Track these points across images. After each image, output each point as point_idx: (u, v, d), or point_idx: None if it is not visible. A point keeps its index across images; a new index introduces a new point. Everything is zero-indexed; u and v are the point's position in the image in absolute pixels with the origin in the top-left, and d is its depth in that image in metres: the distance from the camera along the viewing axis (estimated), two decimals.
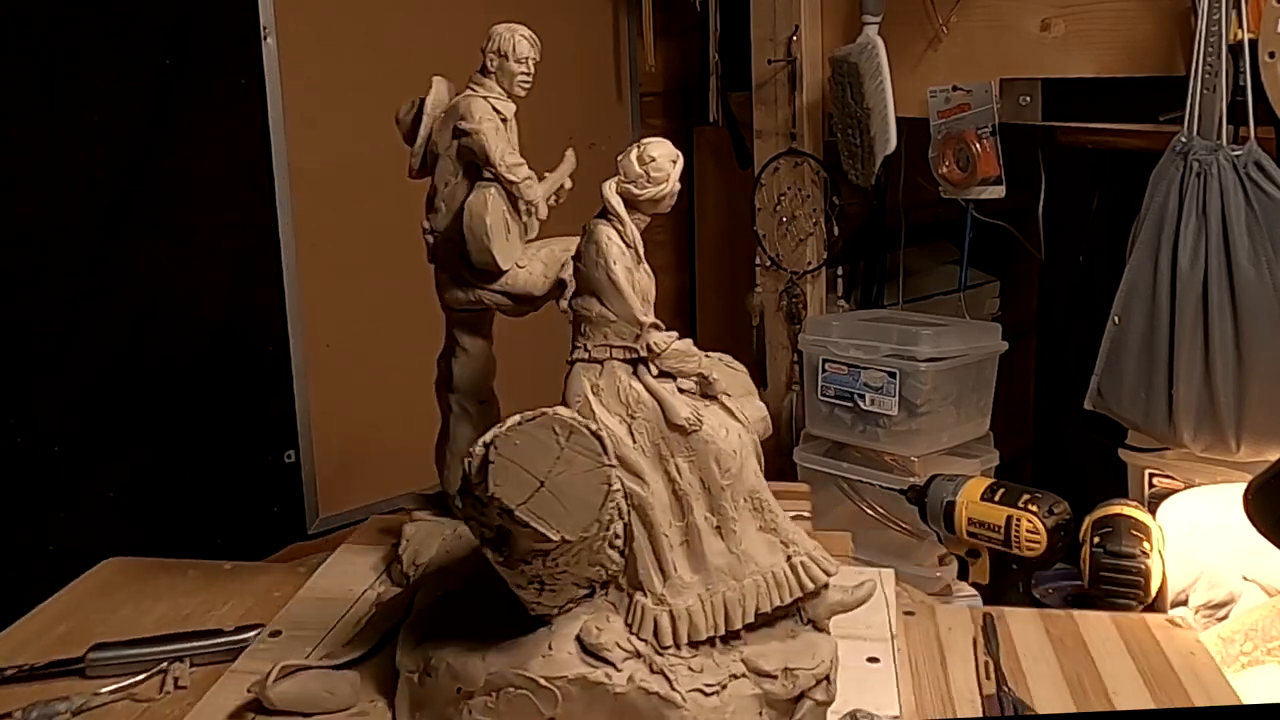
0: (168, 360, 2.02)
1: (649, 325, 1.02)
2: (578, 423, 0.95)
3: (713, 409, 1.05)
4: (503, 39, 1.28)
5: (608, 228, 1.03)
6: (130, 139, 1.94)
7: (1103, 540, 1.48)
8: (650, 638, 1.01)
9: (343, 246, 2.24)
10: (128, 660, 1.22)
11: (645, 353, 1.03)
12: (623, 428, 1.03)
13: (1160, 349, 1.62)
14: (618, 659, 1.01)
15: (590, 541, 0.97)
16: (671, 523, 1.03)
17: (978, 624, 1.31)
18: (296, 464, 2.21)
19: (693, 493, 1.03)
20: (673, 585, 1.02)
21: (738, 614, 1.02)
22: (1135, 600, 1.46)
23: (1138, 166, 1.72)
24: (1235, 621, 1.41)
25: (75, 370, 1.92)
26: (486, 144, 1.22)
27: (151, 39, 1.95)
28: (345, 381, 2.27)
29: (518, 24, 1.27)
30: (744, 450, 1.04)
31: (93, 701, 1.17)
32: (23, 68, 1.82)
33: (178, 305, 2.02)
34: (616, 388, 1.03)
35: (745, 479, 1.04)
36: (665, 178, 1.02)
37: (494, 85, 1.27)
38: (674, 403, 1.03)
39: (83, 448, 1.93)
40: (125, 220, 1.95)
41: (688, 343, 1.05)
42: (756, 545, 1.04)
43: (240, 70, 2.07)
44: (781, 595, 1.03)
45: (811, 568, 1.04)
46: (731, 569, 1.03)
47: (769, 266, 2.36)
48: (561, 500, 0.94)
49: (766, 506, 1.04)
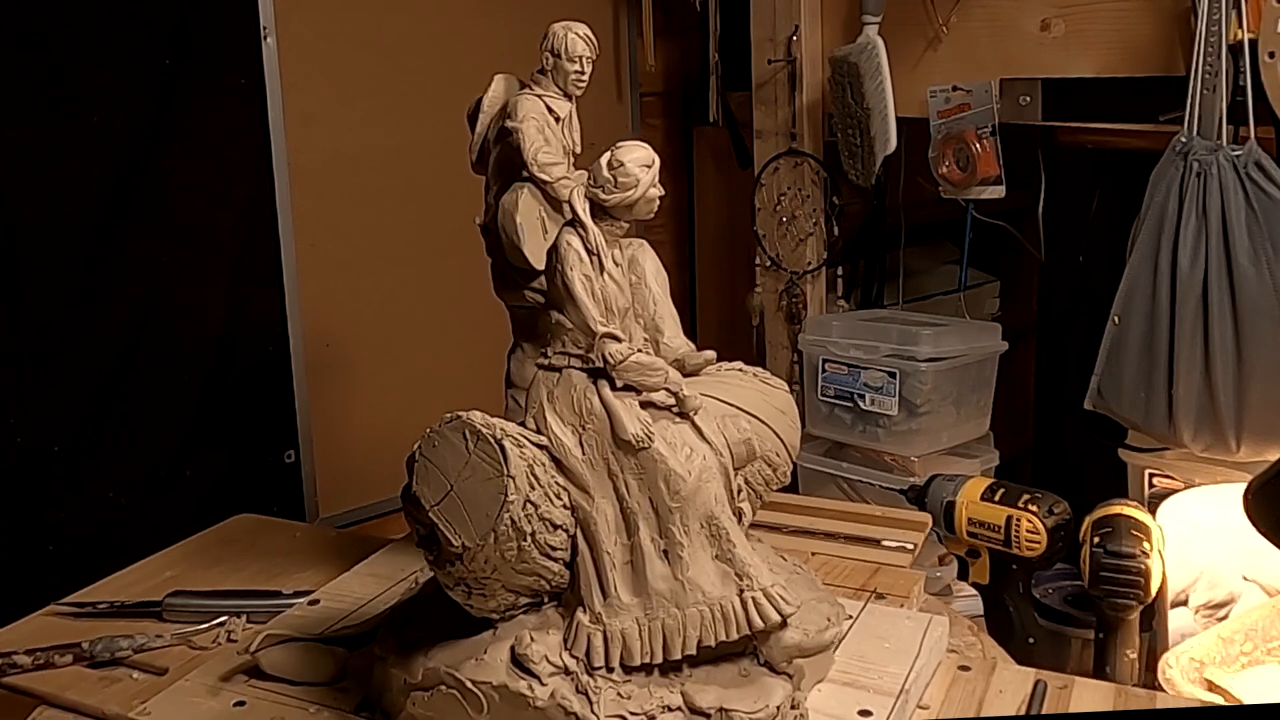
0: (168, 360, 2.02)
1: (603, 335, 0.99)
2: (485, 430, 0.94)
3: (680, 427, 1.01)
4: (556, 37, 1.25)
5: (571, 234, 1.01)
6: (130, 139, 1.94)
7: (1103, 540, 1.48)
8: (583, 656, 0.98)
9: (343, 246, 2.24)
10: (196, 609, 1.31)
11: (601, 363, 1.00)
12: (574, 438, 1.00)
13: (1160, 349, 1.62)
14: (544, 673, 0.98)
15: (499, 550, 0.94)
16: (617, 541, 0.99)
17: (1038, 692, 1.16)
18: (296, 464, 2.21)
19: (640, 512, 0.99)
20: (611, 605, 0.99)
21: (677, 643, 0.98)
22: (1135, 600, 1.46)
23: (1138, 166, 1.72)
24: (1235, 621, 1.41)
25: (75, 370, 1.92)
26: (523, 141, 1.20)
27: (151, 39, 1.95)
28: (345, 381, 2.27)
29: (574, 21, 1.24)
30: (702, 474, 0.99)
31: (154, 643, 1.26)
32: (23, 68, 1.82)
33: (178, 305, 2.02)
34: (571, 397, 1.01)
35: (700, 503, 0.99)
36: (633, 183, 0.99)
37: (549, 84, 1.25)
38: (623, 417, 0.99)
39: (83, 448, 1.93)
40: (125, 220, 1.95)
41: (652, 357, 1.01)
42: (706, 574, 0.99)
43: (240, 70, 2.07)
44: (728, 630, 0.98)
45: (764, 605, 0.98)
46: (675, 595, 0.98)
47: (769, 266, 2.36)
48: (465, 506, 0.94)
49: (725, 535, 0.99)
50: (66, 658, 1.24)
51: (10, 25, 1.80)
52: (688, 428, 1.02)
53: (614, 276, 1.03)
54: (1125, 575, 1.46)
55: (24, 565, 1.86)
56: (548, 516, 0.98)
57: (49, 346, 1.88)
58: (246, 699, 1.11)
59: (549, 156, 1.21)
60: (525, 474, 0.96)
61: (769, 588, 0.99)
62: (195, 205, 2.03)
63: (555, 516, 0.99)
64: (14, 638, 1.30)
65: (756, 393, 1.14)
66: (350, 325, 2.27)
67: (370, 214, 2.27)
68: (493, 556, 0.95)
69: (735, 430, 1.05)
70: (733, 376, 1.16)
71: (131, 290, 1.96)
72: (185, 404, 2.05)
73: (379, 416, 2.27)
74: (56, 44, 1.84)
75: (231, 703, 1.11)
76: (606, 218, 1.02)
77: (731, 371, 1.17)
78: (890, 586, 1.33)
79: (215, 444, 2.09)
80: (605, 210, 1.01)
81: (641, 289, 1.19)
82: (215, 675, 1.16)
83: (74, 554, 1.90)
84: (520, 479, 0.95)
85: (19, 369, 1.86)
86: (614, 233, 1.03)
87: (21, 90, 1.82)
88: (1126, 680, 1.41)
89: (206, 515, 2.08)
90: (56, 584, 1.44)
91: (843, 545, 1.46)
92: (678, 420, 1.02)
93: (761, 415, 1.13)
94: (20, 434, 1.86)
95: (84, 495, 1.94)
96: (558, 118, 1.23)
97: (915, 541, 1.48)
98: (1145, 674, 1.43)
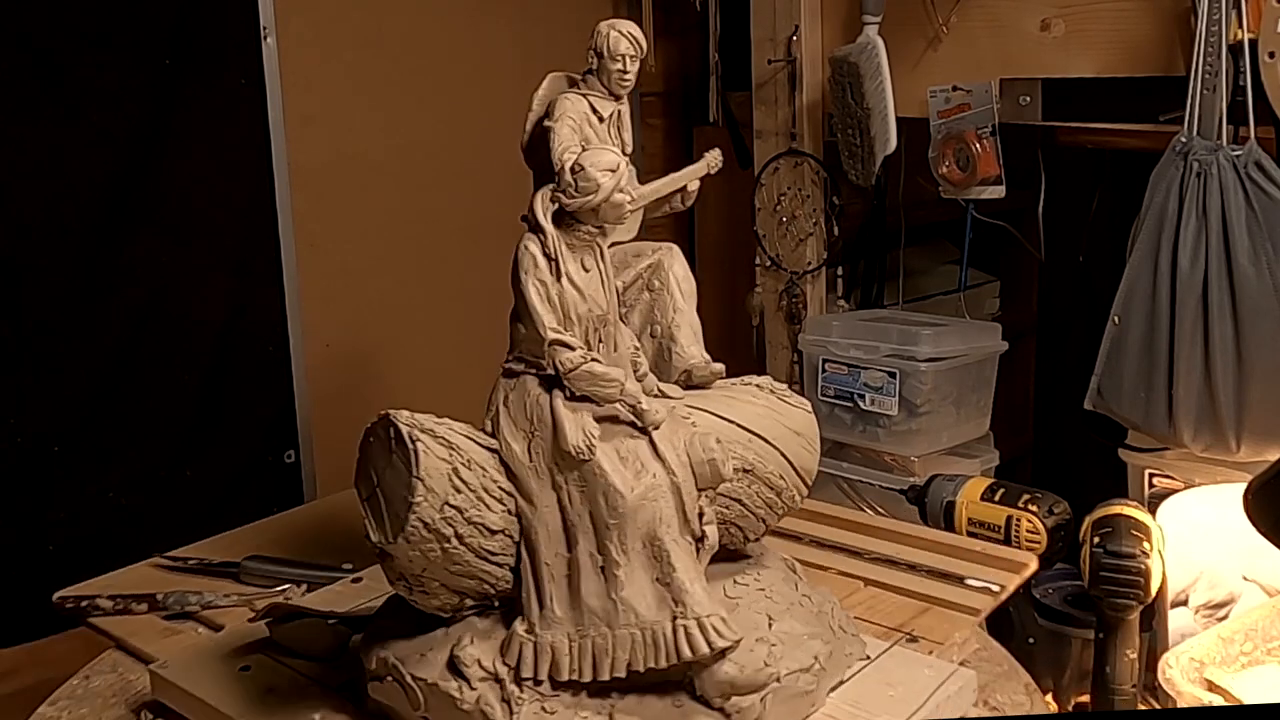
0: (168, 360, 2.02)
1: (552, 342, 0.97)
2: (404, 430, 0.93)
3: (638, 443, 0.98)
4: (600, 35, 1.21)
5: (530, 238, 0.99)
6: (130, 139, 1.94)
7: (1103, 540, 1.48)
8: (514, 665, 0.97)
9: (343, 246, 2.24)
10: (267, 574, 1.41)
11: (553, 370, 0.98)
12: (523, 445, 0.99)
13: (1160, 349, 1.62)
14: (474, 676, 0.97)
15: (419, 550, 0.94)
16: (557, 552, 0.97)
17: None
18: (296, 464, 2.21)
19: (581, 525, 0.97)
20: (545, 617, 0.97)
21: (605, 664, 0.95)
22: (1135, 600, 1.46)
23: (1138, 166, 1.72)
24: (1235, 621, 1.41)
25: (75, 370, 1.92)
26: (553, 141, 1.18)
27: (151, 39, 1.95)
28: (345, 381, 2.26)
29: (621, 19, 1.20)
30: (648, 492, 0.96)
31: (220, 601, 1.36)
32: (23, 68, 1.82)
33: (178, 305, 2.02)
34: (524, 403, 1.00)
35: (641, 522, 0.96)
36: (594, 188, 0.97)
37: (595, 83, 1.21)
38: (566, 427, 0.96)
39: (83, 448, 1.93)
40: (125, 220, 1.95)
41: (606, 367, 0.98)
42: (643, 596, 0.95)
43: (240, 70, 2.07)
44: (657, 657, 0.94)
45: (695, 635, 0.94)
46: (607, 615, 0.95)
47: (769, 266, 2.36)
48: (385, 504, 0.94)
49: (666, 558, 0.95)
50: (143, 606, 1.38)
51: (10, 25, 1.80)
52: (644, 444, 0.98)
53: (576, 282, 0.99)
54: (1125, 575, 1.46)
55: (24, 565, 1.86)
56: (479, 521, 0.96)
57: (49, 346, 1.88)
58: (252, 665, 1.16)
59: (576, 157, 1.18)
60: (448, 476, 0.94)
61: (705, 617, 0.95)
62: (195, 205, 2.03)
63: (490, 521, 0.97)
64: (111, 583, 1.44)
65: (767, 410, 1.10)
66: (350, 325, 2.27)
67: (370, 214, 2.27)
68: (414, 556, 0.94)
69: (700, 450, 1.00)
70: (744, 391, 1.13)
71: (131, 290, 1.96)
72: (185, 404, 2.05)
73: None
74: (56, 44, 1.84)
75: (239, 666, 1.16)
76: (574, 222, 0.99)
77: (746, 387, 1.14)
78: (930, 629, 1.26)
79: (215, 444, 2.09)
80: (571, 215, 0.99)
81: (663, 296, 1.17)
82: (240, 639, 1.21)
83: (74, 554, 1.90)
84: (435, 481, 0.93)
85: (19, 369, 1.86)
86: (582, 238, 1.00)
87: (21, 90, 1.82)
88: (1126, 680, 1.41)
89: (206, 515, 2.08)
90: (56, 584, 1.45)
91: (919, 578, 1.39)
92: (636, 435, 0.98)
93: (767, 435, 1.10)
94: (20, 434, 1.86)
95: (84, 495, 1.94)
96: (601, 118, 1.18)
97: (1005, 583, 1.38)
98: (1145, 674, 1.43)
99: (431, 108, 2.34)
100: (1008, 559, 1.45)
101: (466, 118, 2.38)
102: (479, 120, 2.38)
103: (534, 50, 2.47)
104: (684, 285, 1.19)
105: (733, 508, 1.10)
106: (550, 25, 2.51)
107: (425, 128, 2.34)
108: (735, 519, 1.11)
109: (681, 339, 1.15)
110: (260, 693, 1.11)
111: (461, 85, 2.39)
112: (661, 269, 1.19)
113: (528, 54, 2.46)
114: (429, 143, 2.34)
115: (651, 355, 1.18)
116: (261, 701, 1.10)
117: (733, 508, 1.10)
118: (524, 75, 1.36)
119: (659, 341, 1.17)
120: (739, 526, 1.12)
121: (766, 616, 1.05)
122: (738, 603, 1.07)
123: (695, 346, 1.15)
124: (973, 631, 1.28)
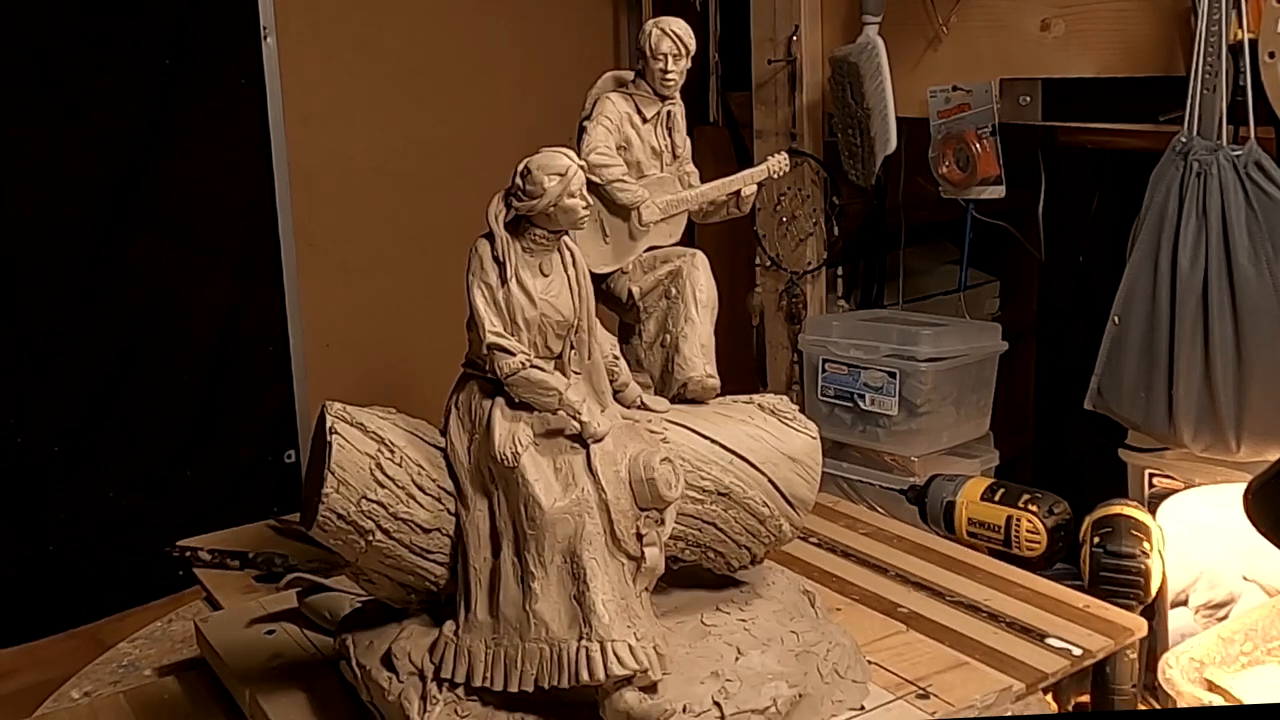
0: (168, 360, 2.02)
1: (489, 345, 0.95)
2: (329, 422, 0.94)
3: (577, 456, 0.96)
4: (644, 34, 1.18)
5: (482, 240, 0.98)
6: (130, 139, 1.94)
7: (1103, 540, 1.48)
8: (436, 664, 0.97)
9: (343, 246, 2.24)
10: None
11: (491, 374, 0.97)
12: (464, 446, 0.99)
13: (1160, 349, 1.62)
14: (403, 670, 0.98)
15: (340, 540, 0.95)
16: (485, 557, 0.97)
17: None
18: (296, 464, 2.21)
19: (506, 533, 0.96)
20: (469, 621, 0.97)
21: (514, 676, 0.94)
22: (1135, 600, 1.46)
23: (1138, 166, 1.72)
24: (1235, 621, 1.41)
25: (75, 370, 1.92)
26: (584, 139, 1.15)
27: (151, 39, 1.95)
28: (345, 381, 2.27)
29: (670, 17, 1.17)
30: (572, 506, 0.94)
31: (302, 567, 1.43)
32: (23, 68, 1.82)
33: (178, 305, 2.02)
34: (470, 404, 0.99)
35: (561, 536, 0.94)
36: (539, 192, 0.95)
37: (644, 84, 1.19)
38: (495, 433, 0.95)
39: (83, 448, 1.93)
40: (125, 220, 1.95)
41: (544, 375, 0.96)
42: (557, 612, 0.94)
43: (240, 70, 2.07)
44: (560, 676, 0.93)
45: (595, 659, 0.91)
46: (520, 626, 0.94)
47: (769, 266, 2.36)
48: (311, 493, 0.96)
49: (583, 575, 0.93)
50: (235, 562, 1.51)
51: (10, 25, 1.80)
52: (581, 457, 0.96)
53: (527, 287, 0.97)
54: (1125, 575, 1.46)
55: (24, 565, 1.86)
56: (408, 517, 0.96)
57: (49, 346, 1.88)
58: (276, 630, 1.25)
59: (600, 157, 1.15)
60: (369, 471, 0.95)
61: (611, 641, 0.92)
62: (195, 205, 2.03)
63: (422, 519, 0.97)
64: (223, 539, 1.62)
65: (762, 432, 1.06)
66: (350, 325, 2.27)
67: (370, 214, 2.27)
68: (337, 545, 0.96)
69: (641, 468, 0.97)
70: (741, 410, 1.09)
71: (131, 290, 1.96)
72: (185, 404, 2.05)
73: None
74: (56, 44, 1.84)
75: (264, 631, 1.25)
76: (531, 226, 0.98)
77: (746, 405, 1.10)
78: (950, 687, 1.19)
79: (215, 444, 2.09)
80: (529, 218, 0.97)
81: (677, 305, 1.14)
82: (282, 605, 1.29)
83: (74, 554, 1.90)
84: (351, 475, 0.94)
85: (19, 369, 1.86)
86: (540, 242, 0.98)
87: (21, 90, 1.82)
88: (1126, 680, 1.40)
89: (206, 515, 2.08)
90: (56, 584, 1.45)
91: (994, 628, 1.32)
92: (576, 448, 0.97)
93: (754, 458, 1.06)
94: (20, 434, 1.86)
95: (84, 495, 1.94)
96: (645, 119, 1.17)
97: (1094, 648, 1.28)
98: (1145, 674, 1.43)
99: (431, 108, 2.34)
100: (1111, 621, 1.36)
101: (466, 118, 2.38)
102: (479, 120, 2.38)
103: (534, 50, 2.47)
104: (701, 295, 1.16)
105: (706, 531, 1.06)
106: (550, 25, 2.51)
107: (425, 128, 2.34)
108: (711, 543, 1.07)
109: (685, 350, 1.12)
110: (266, 658, 1.19)
111: (461, 85, 2.39)
112: (680, 277, 1.16)
113: (528, 54, 2.46)
114: (429, 142, 2.34)
115: (659, 365, 1.16)
116: (265, 666, 1.17)
117: (706, 531, 1.06)
118: (524, 75, 1.36)
119: (668, 351, 1.15)
120: (717, 552, 1.08)
121: (735, 650, 1.02)
122: (709, 631, 1.04)
123: (698, 359, 1.12)
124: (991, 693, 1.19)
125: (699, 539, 1.07)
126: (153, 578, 1.95)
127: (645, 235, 1.18)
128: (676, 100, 1.20)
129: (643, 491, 0.97)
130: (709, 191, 1.20)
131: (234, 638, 1.23)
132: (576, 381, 0.99)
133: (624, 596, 0.95)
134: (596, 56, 2.71)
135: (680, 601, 1.10)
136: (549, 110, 2.46)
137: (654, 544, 0.98)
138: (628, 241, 1.18)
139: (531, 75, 2.45)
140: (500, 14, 2.45)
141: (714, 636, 1.04)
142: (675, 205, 1.19)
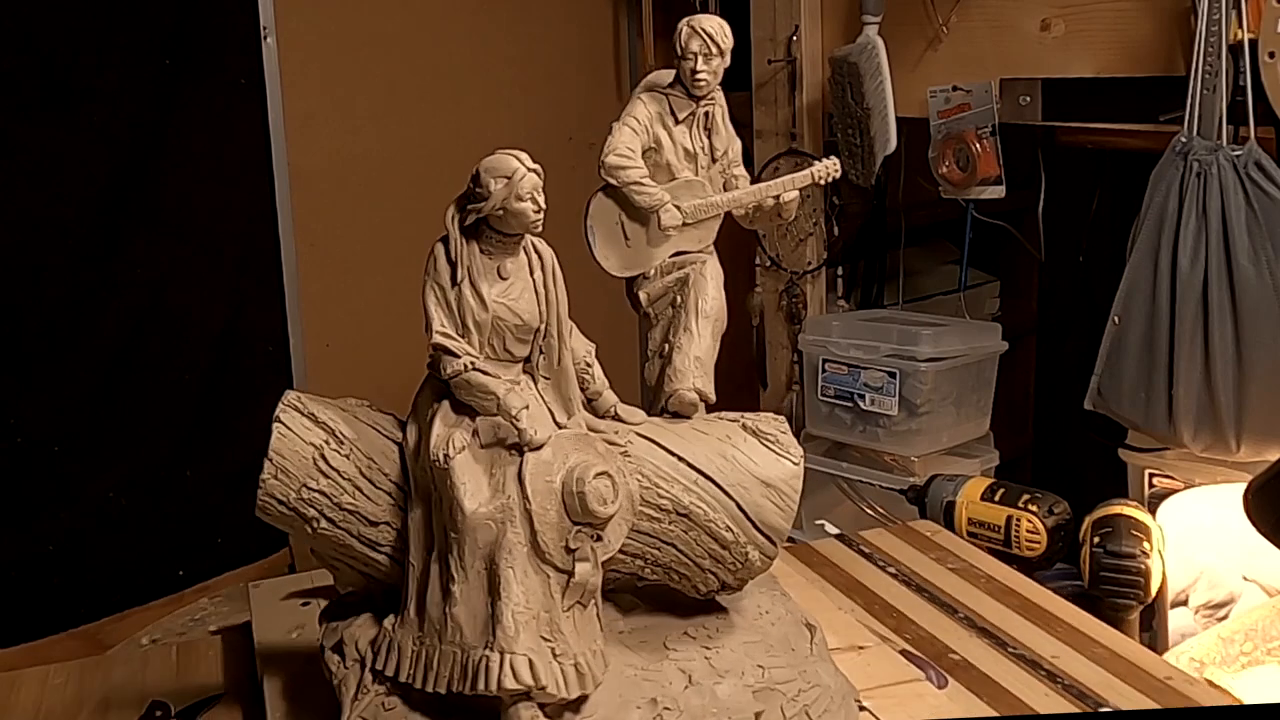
0: (168, 360, 2.02)
1: (435, 345, 0.95)
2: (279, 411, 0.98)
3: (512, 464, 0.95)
4: (675, 32, 1.13)
5: (438, 242, 0.97)
6: (130, 139, 1.94)
7: (1103, 540, 1.48)
8: (375, 655, 0.98)
9: (343, 246, 2.24)
10: None
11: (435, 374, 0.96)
12: (415, 443, 0.98)
13: (1160, 349, 1.62)
14: (349, 656, 1.00)
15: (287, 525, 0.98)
16: (421, 556, 0.97)
17: None
18: None
19: (439, 533, 0.96)
20: (404, 617, 0.97)
21: (431, 677, 0.94)
22: (1135, 600, 1.46)
23: (1138, 166, 1.72)
24: (1235, 621, 1.41)
25: (75, 370, 1.92)
26: (607, 141, 1.10)
27: (151, 39, 1.95)
28: (345, 381, 2.26)
29: (705, 15, 1.13)
30: (496, 513, 0.93)
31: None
32: (23, 68, 1.82)
33: (178, 305, 2.02)
34: (422, 403, 1.00)
35: (481, 542, 0.93)
36: (486, 194, 0.93)
37: (679, 85, 1.14)
38: (433, 434, 0.95)
39: (83, 448, 1.93)
40: (125, 220, 1.95)
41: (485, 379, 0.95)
42: (473, 618, 0.93)
43: (240, 70, 2.07)
44: (464, 683, 0.92)
45: (493, 670, 0.90)
46: (440, 628, 0.94)
47: (769, 266, 2.36)
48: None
49: (499, 584, 0.92)
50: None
51: (10, 25, 1.80)
52: (514, 466, 0.95)
53: (480, 290, 0.96)
54: (1125, 575, 1.46)
55: (24, 564, 1.86)
56: (352, 508, 0.98)
57: (49, 346, 1.88)
58: (311, 603, 1.28)
59: (618, 159, 1.10)
60: (311, 460, 0.96)
61: (511, 654, 0.91)
62: (195, 205, 2.03)
63: (369, 511, 0.98)
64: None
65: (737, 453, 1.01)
66: (350, 325, 2.27)
67: (370, 214, 2.27)
68: (287, 530, 1.00)
69: (573, 481, 0.95)
70: (720, 428, 1.05)
71: (131, 290, 1.96)
72: (185, 404, 2.05)
73: None
74: (56, 44, 1.84)
75: (300, 602, 1.30)
76: (489, 229, 0.96)
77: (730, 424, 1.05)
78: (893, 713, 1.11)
79: (215, 444, 2.09)
80: (489, 221, 0.95)
81: (680, 314, 1.11)
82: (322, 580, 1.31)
83: (74, 554, 1.90)
84: (290, 462, 0.96)
85: (19, 369, 1.86)
86: (497, 244, 0.97)
87: (21, 90, 1.82)
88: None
89: (206, 515, 2.08)
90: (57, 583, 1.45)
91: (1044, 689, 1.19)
92: (514, 455, 0.95)
93: (721, 480, 1.01)
94: (20, 434, 1.86)
95: (84, 495, 1.94)
96: (678, 119, 1.12)
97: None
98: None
99: (431, 108, 2.34)
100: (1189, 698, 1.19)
101: (466, 118, 2.38)
102: (478, 120, 2.38)
103: (534, 50, 2.47)
104: (704, 306, 1.11)
105: (665, 551, 1.02)
106: (550, 25, 2.51)
107: (425, 128, 2.34)
108: (673, 564, 1.02)
109: (676, 362, 1.08)
110: (288, 629, 1.23)
111: (461, 85, 2.39)
112: (687, 285, 1.12)
113: (528, 54, 2.46)
114: (429, 142, 2.34)
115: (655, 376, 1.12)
116: (285, 635, 1.22)
117: (665, 551, 1.02)
118: (524, 76, 1.36)
119: (663, 363, 1.11)
120: (680, 574, 1.03)
121: (687, 679, 1.00)
122: (668, 656, 1.01)
123: (688, 373, 1.08)
124: None
125: (658, 558, 1.02)
126: (153, 578, 1.95)
127: (667, 240, 1.13)
128: (716, 101, 1.14)
129: (574, 504, 0.94)
130: (743, 196, 1.13)
131: (272, 605, 1.29)
132: (523, 387, 0.97)
133: (547, 610, 0.93)
134: (596, 56, 2.71)
135: (649, 622, 1.07)
136: (549, 110, 2.46)
137: (586, 559, 0.95)
138: (648, 247, 1.13)
139: (531, 75, 2.45)
140: (500, 14, 2.45)
141: (670, 662, 1.01)
142: (703, 210, 1.13)
